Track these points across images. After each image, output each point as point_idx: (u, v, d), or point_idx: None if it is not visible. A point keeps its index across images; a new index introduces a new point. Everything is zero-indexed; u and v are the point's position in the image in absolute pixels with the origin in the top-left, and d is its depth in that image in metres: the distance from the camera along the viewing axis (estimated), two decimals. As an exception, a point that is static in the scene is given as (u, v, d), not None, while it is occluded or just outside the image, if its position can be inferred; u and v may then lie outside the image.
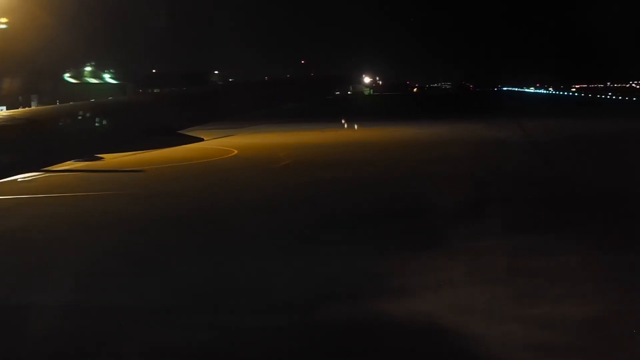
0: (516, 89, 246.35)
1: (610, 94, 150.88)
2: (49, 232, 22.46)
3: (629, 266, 15.60)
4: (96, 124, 44.07)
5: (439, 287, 14.21)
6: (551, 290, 14.00)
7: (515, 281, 14.69)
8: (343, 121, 79.22)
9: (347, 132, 63.91)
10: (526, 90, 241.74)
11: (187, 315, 13.28)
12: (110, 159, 43.62)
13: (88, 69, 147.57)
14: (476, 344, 11.13)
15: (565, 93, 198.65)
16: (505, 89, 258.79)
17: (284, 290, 14.56)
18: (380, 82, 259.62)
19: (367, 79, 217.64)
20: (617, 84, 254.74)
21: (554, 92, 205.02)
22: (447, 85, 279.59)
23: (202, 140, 51.93)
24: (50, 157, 41.67)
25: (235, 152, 45.37)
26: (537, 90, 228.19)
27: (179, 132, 50.59)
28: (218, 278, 15.96)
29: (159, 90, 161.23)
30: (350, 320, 12.53)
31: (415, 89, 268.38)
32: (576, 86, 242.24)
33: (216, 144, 54.57)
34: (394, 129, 65.52)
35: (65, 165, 41.72)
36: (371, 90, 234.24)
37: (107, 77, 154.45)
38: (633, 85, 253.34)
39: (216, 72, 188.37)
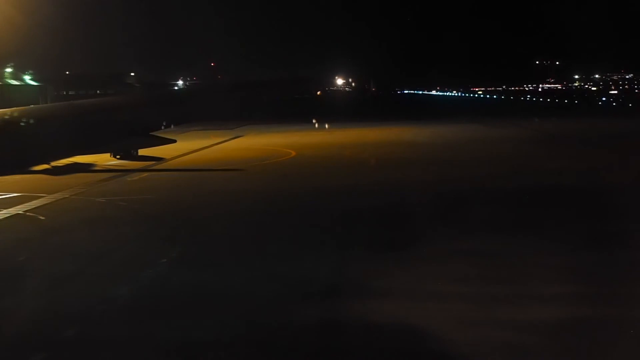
0: (420, 92, 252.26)
1: (529, 95, 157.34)
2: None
3: None
4: (78, 125, 42.48)
5: None
6: None
7: None
8: (314, 121, 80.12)
9: (354, 133, 63.83)
10: (433, 93, 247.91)
11: None
12: (170, 158, 43.08)
13: (8, 70, 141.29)
14: None
15: (475, 95, 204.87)
16: (406, 92, 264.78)
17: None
18: (354, 84, 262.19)
19: (340, 81, 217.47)
20: (512, 87, 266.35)
21: (464, 95, 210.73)
22: (347, 89, 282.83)
23: (174, 141, 50.58)
24: (59, 153, 40.04)
25: (293, 153, 44.81)
26: (445, 93, 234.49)
27: (152, 133, 49.60)
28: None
29: (74, 93, 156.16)
30: None
31: (319, 92, 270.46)
32: (477, 89, 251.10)
33: (251, 144, 53.92)
34: (387, 129, 65.93)
35: (119, 165, 40.60)
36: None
37: (27, 79, 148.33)
38: (526, 87, 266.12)
39: (132, 73, 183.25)
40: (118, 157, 44.69)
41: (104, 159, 43.11)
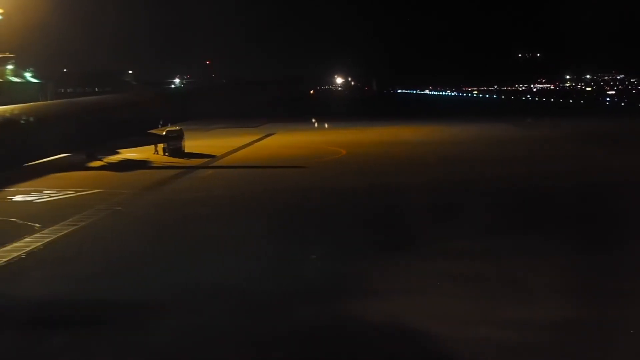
0: (414, 92, 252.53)
1: (528, 95, 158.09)
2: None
3: None
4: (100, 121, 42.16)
5: None
6: None
7: None
8: (313, 120, 79.99)
9: (386, 131, 62.95)
10: (426, 92, 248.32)
11: None
12: (220, 155, 42.81)
13: (10, 67, 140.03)
14: None
15: (472, 95, 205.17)
16: (399, 91, 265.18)
17: None
18: (353, 83, 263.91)
19: (339, 80, 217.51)
20: (505, 87, 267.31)
21: (461, 95, 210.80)
22: (340, 88, 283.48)
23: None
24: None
25: (343, 151, 44.57)
26: (440, 93, 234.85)
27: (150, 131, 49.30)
28: None
29: (72, 90, 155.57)
30: None
31: (312, 92, 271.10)
32: (469, 89, 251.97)
33: (289, 142, 53.05)
34: (415, 128, 65.52)
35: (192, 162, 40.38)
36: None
37: (28, 76, 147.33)
38: (519, 87, 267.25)
39: (130, 71, 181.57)
40: (166, 153, 44.54)
41: (148, 156, 43.07)
